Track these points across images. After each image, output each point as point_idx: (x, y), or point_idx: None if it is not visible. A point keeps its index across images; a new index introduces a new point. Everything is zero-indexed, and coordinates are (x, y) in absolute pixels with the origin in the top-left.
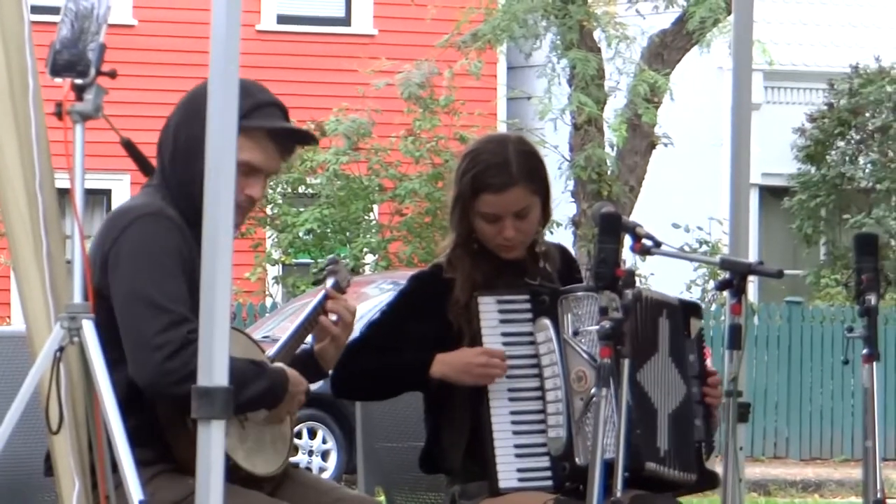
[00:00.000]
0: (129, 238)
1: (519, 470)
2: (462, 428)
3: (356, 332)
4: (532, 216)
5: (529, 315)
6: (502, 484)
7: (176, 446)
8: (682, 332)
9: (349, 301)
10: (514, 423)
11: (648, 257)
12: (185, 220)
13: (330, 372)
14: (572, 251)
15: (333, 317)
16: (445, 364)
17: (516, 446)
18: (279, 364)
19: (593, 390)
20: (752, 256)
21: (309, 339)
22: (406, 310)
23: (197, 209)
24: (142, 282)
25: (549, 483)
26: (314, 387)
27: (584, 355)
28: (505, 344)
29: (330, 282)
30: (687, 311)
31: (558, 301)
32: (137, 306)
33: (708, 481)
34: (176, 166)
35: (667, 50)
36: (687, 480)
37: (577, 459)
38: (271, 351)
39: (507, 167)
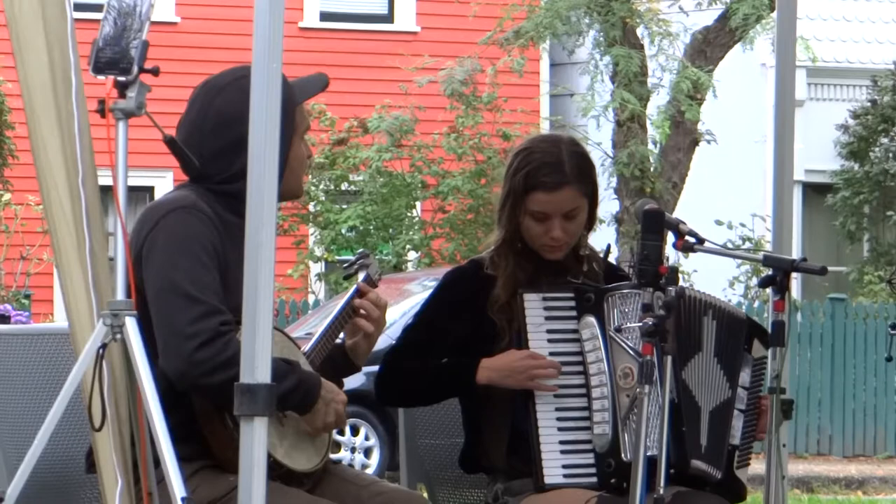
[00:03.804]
0: (162, 230)
1: (564, 466)
2: (503, 426)
3: (396, 335)
4: (579, 218)
5: (574, 313)
6: (547, 480)
7: (213, 443)
8: (741, 343)
9: (380, 295)
10: (559, 419)
11: (691, 254)
12: (218, 217)
13: (363, 367)
14: (615, 248)
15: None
16: (491, 370)
17: (561, 442)
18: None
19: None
20: (796, 253)
21: (341, 334)
22: (442, 308)
23: (228, 200)
24: (175, 272)
25: (594, 480)
26: (356, 383)
27: (631, 352)
28: (550, 341)
29: (361, 276)
30: (753, 329)
31: (605, 298)
32: (170, 296)
33: (733, 490)
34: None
35: (710, 47)
36: (711, 474)
37: (623, 456)
38: (306, 347)
39: (560, 166)
